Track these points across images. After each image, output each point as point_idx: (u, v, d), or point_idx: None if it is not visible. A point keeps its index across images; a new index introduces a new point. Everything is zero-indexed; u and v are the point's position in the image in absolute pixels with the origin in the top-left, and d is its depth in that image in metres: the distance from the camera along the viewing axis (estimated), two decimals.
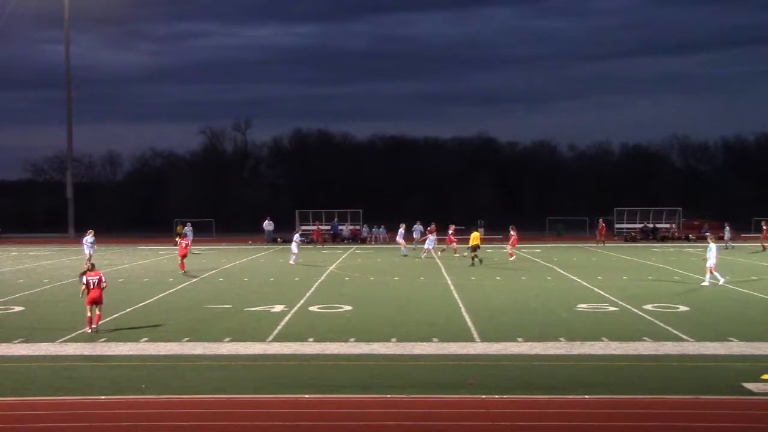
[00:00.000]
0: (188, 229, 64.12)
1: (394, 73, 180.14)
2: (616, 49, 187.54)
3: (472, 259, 46.39)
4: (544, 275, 40.80)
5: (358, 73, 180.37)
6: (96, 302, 24.21)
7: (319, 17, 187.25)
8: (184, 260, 43.07)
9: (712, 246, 36.36)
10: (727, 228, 64.42)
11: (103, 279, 24.60)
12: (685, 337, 22.93)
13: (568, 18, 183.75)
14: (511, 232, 52.28)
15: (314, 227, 73.25)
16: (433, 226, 57.49)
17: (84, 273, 24.75)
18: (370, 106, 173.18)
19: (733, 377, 17.93)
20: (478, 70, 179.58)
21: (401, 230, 57.53)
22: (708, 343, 21.98)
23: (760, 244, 57.47)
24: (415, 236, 62.75)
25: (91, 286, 24.16)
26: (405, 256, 53.77)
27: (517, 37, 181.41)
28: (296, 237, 50.79)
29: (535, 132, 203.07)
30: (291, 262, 47.99)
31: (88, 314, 24.26)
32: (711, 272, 35.77)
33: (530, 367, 19.21)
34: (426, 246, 53.88)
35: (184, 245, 44.05)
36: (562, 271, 42.55)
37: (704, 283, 35.57)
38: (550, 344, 21.95)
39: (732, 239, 63.30)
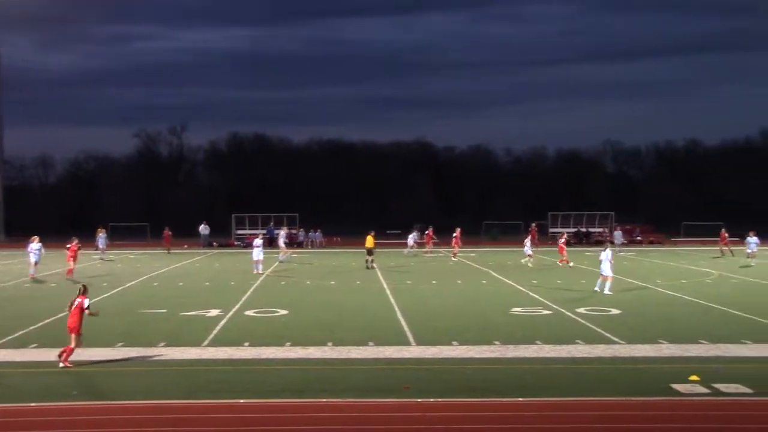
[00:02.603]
0: (102, 236, 59.14)
1: (333, 77, 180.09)
2: (552, 56, 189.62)
3: (370, 262, 46.80)
4: (480, 279, 41.11)
5: (297, 77, 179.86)
6: (71, 330, 20.23)
7: (258, 21, 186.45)
8: (71, 265, 41.56)
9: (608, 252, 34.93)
10: (619, 233, 65.21)
11: (86, 303, 20.35)
12: (616, 339, 23.29)
13: (506, 24, 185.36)
14: (455, 234, 54.57)
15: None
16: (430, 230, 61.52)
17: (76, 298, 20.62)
18: (308, 110, 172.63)
19: (662, 378, 18.26)
20: (417, 74, 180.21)
21: (414, 234, 62.81)
22: (639, 346, 22.35)
23: (719, 249, 57.55)
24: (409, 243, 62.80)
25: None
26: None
27: (456, 42, 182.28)
28: (282, 237, 51.65)
29: (473, 137, 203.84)
30: (281, 259, 47.94)
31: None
32: (606, 279, 34.07)
33: (465, 371, 19.36)
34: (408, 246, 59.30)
35: (73, 250, 42.04)
36: (497, 275, 42.91)
37: (603, 291, 33.89)
38: (485, 347, 22.14)
39: (622, 245, 63.90)
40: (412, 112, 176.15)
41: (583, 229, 77.48)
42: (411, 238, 61.69)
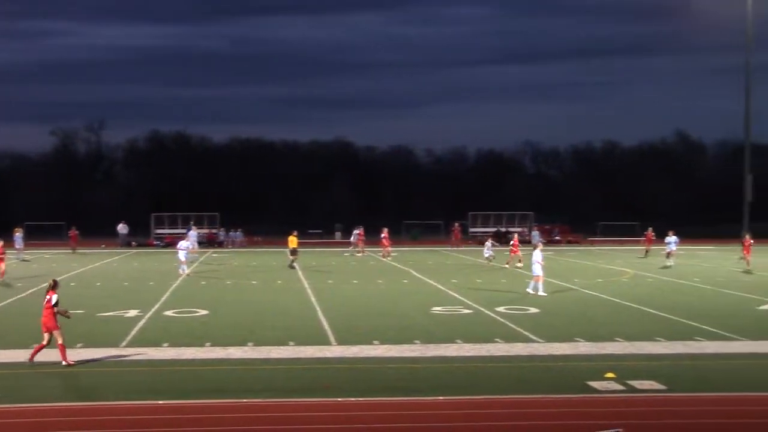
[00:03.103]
0: (18, 235, 56.55)
1: (254, 76, 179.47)
2: (473, 57, 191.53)
3: (293, 261, 46.66)
4: (401, 279, 41.30)
5: (218, 76, 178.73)
6: (46, 329, 19.57)
7: (180, 19, 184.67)
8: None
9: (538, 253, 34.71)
10: (537, 233, 65.71)
11: (54, 299, 19.69)
12: (534, 338, 23.62)
13: (427, 25, 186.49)
14: (383, 234, 55.04)
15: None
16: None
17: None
18: (229, 109, 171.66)
19: (579, 376, 18.58)
20: (338, 74, 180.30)
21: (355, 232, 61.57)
22: (556, 344, 22.70)
23: (644, 248, 57.05)
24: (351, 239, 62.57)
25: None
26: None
27: (377, 42, 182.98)
28: (188, 239, 50.19)
29: (394, 137, 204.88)
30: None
31: (47, 342, 19.66)
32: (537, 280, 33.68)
33: (386, 370, 19.46)
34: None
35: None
36: (418, 275, 43.15)
37: (538, 293, 33.40)
38: (405, 347, 22.27)
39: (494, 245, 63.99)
40: (333, 111, 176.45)
41: (503, 229, 78.26)
42: (354, 236, 61.55)
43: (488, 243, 51.61)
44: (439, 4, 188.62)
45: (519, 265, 45.84)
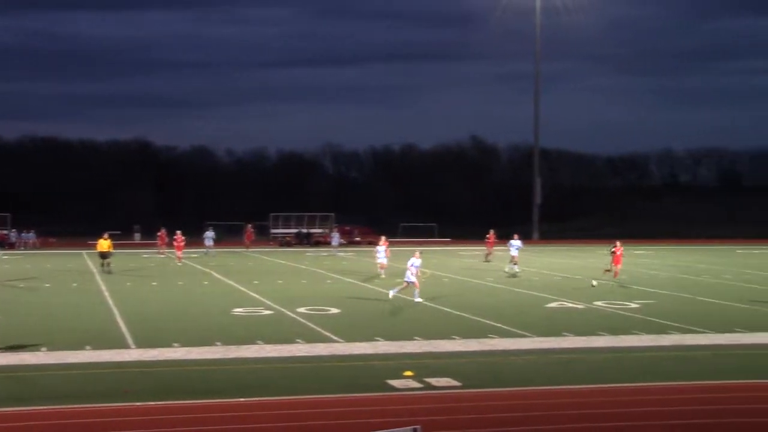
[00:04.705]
0: None
1: (47, 72, 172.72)
2: (275, 59, 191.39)
3: (106, 265, 44.99)
4: (201, 280, 40.90)
5: (11, 71, 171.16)
6: None
7: None
8: None
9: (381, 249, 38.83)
10: (336, 234, 65.57)
11: None
12: (336, 338, 23.94)
13: (230, 25, 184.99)
14: (177, 235, 53.12)
15: None
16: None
17: None
18: (20, 105, 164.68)
19: (378, 375, 18.98)
20: (137, 72, 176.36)
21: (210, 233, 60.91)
22: (357, 343, 23.09)
23: (486, 252, 54.84)
24: (207, 243, 60.31)
25: None
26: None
27: (177, 41, 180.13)
28: None
29: (194, 137, 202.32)
30: None
31: None
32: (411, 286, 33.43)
33: (187, 372, 19.29)
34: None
35: None
36: (219, 276, 42.84)
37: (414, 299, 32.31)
38: (206, 348, 22.13)
39: (340, 245, 64.65)
40: (132, 110, 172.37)
41: (305, 231, 78.58)
42: (207, 239, 60.02)
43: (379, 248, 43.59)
44: (241, 4, 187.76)
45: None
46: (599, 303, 32.04)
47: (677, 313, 29.15)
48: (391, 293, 31.98)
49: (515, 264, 43.84)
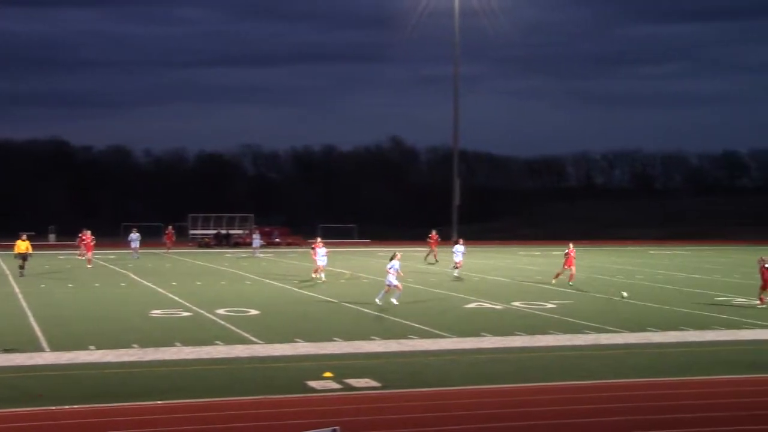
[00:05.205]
0: None
1: None
2: (194, 58, 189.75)
3: (24, 267, 43.47)
4: (119, 282, 40.37)
5: None
6: None
7: None
8: None
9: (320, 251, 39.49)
10: (257, 235, 64.68)
11: None
12: (255, 339, 23.84)
13: (149, 25, 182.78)
14: (86, 235, 51.58)
15: None
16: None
17: None
18: None
19: (298, 376, 18.94)
20: (55, 71, 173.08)
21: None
22: (276, 345, 23.02)
23: (429, 253, 54.69)
24: (133, 246, 58.78)
25: None
26: None
27: (93, 39, 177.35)
28: None
29: (112, 137, 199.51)
30: None
31: None
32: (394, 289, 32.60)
33: (103, 375, 19.02)
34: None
35: None
36: (136, 278, 42.32)
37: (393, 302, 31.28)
38: (123, 351, 21.84)
39: (261, 246, 63.59)
40: (49, 109, 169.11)
41: (224, 231, 78.05)
42: (133, 241, 58.47)
43: (318, 250, 41.43)
44: (161, 3, 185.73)
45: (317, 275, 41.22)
46: (517, 303, 32.45)
47: (592, 313, 29.68)
48: (378, 299, 31.08)
49: (456, 268, 43.03)
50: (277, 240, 76.67)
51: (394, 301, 31.09)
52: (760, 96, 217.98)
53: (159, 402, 16.64)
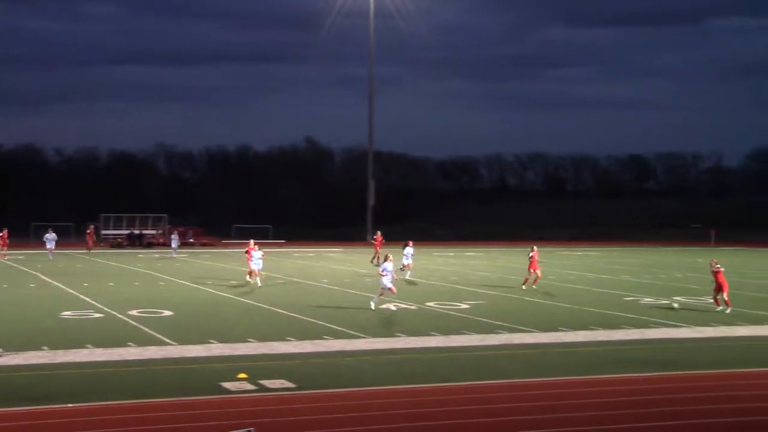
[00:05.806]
0: None
1: None
2: (107, 56, 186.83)
3: None
4: (28, 282, 39.62)
5: None
6: None
7: None
8: None
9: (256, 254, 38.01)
10: (175, 236, 63.96)
11: None
12: (168, 340, 23.64)
13: (60, 21, 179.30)
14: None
15: None
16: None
17: None
18: None
19: (212, 377, 18.86)
20: None
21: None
22: (190, 346, 22.87)
23: (377, 254, 51.99)
24: (48, 246, 57.01)
25: None
26: None
27: (3, 35, 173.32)
28: None
29: (21, 135, 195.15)
30: None
31: None
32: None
33: (12, 378, 18.68)
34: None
35: None
36: (46, 278, 41.58)
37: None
38: (32, 353, 21.47)
39: (178, 247, 62.85)
40: None
41: (137, 232, 77.04)
42: (49, 241, 57.24)
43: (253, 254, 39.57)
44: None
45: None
46: (431, 304, 32.72)
47: (505, 313, 30.09)
48: (373, 303, 30.76)
49: (402, 269, 42.42)
50: (192, 240, 75.95)
51: (372, 304, 30.67)
52: (667, 101, 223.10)
53: (69, 405, 16.41)
